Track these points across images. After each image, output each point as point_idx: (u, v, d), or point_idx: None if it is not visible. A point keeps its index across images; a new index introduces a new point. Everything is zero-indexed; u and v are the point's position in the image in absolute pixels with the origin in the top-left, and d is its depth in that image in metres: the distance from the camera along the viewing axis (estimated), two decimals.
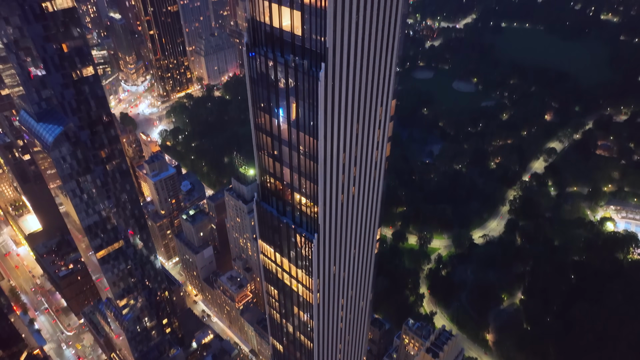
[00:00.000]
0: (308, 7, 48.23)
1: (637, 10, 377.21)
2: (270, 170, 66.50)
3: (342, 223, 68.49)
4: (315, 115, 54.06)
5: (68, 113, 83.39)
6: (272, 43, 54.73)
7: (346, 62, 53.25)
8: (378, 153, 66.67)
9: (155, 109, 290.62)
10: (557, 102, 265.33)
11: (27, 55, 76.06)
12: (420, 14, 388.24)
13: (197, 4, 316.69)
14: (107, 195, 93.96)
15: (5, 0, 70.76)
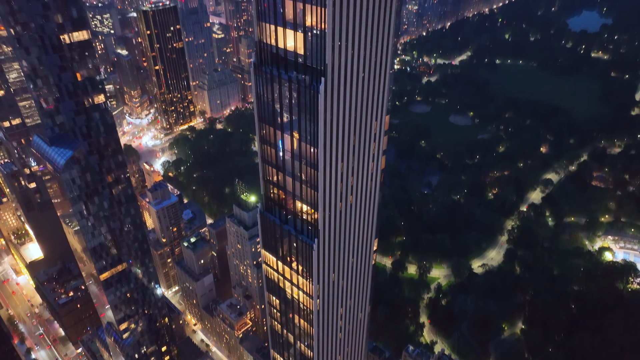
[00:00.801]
0: (310, 29, 54.62)
1: (626, 49, 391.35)
2: (273, 180, 71.15)
3: (341, 230, 71.76)
4: (315, 126, 59.23)
5: (79, 138, 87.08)
6: (277, 62, 60.97)
7: (343, 78, 59.05)
8: (374, 165, 71.65)
9: (158, 141, 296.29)
10: (552, 134, 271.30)
11: (44, 84, 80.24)
12: (417, 52, 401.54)
13: (201, 41, 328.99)
14: (113, 218, 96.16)
15: (27, 32, 75.55)
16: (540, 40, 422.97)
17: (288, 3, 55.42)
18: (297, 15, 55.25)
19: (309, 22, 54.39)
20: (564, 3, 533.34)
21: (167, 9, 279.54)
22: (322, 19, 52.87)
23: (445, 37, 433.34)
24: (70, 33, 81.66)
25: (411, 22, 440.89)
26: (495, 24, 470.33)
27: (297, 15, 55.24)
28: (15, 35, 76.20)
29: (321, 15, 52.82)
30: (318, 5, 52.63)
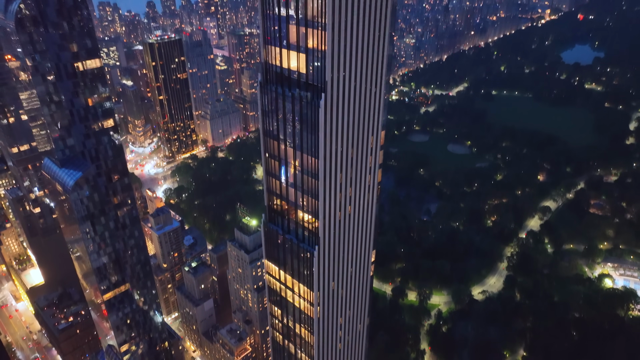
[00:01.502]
0: (311, 50, 61.29)
1: (619, 81, 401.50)
2: (277, 192, 75.28)
3: (340, 239, 76.16)
4: (316, 138, 65.12)
5: (88, 160, 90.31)
6: (282, 80, 67.45)
7: (342, 95, 65.48)
8: (371, 177, 77.78)
9: (160, 169, 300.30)
10: (549, 163, 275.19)
11: (58, 109, 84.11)
12: (415, 83, 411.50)
13: (205, 73, 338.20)
14: (118, 239, 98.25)
15: (45, 60, 79.97)
16: (534, 72, 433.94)
17: (292, 28, 61.57)
18: (299, 38, 61.50)
19: (310, 44, 60.72)
20: (557, 37, 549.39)
21: (172, 42, 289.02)
22: (322, 41, 59.21)
23: (442, 69, 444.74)
24: (84, 61, 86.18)
25: (409, 55, 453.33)
26: (490, 56, 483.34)
27: (300, 38, 61.50)
28: (33, 63, 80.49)
29: (321, 38, 59.18)
30: (319, 29, 58.88)
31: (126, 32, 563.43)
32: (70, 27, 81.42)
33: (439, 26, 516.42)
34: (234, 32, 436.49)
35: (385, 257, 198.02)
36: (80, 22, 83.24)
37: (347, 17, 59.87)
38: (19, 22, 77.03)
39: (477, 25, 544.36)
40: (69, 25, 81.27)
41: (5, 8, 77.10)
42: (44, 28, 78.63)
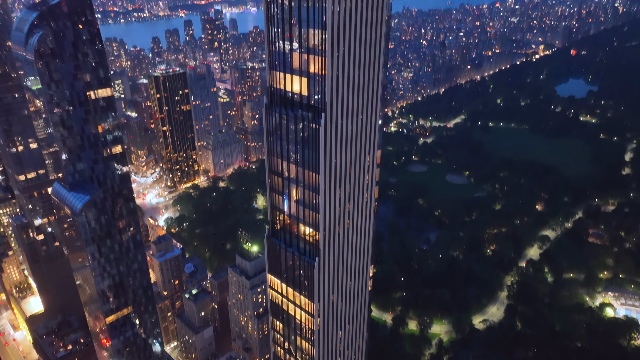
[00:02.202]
0: (313, 75, 67.76)
1: (612, 113, 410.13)
2: (279, 207, 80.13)
3: (339, 252, 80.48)
4: (317, 155, 70.86)
5: (96, 184, 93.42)
6: (285, 102, 73.66)
7: (341, 115, 71.73)
8: (368, 194, 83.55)
9: (162, 199, 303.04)
10: (546, 193, 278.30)
11: (70, 135, 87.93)
12: (413, 115, 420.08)
13: (207, 105, 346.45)
14: (122, 262, 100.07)
15: (60, 89, 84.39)
16: (530, 105, 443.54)
17: (295, 55, 68.41)
18: (302, 64, 68.15)
19: (312, 70, 67.23)
20: (551, 71, 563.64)
21: (177, 75, 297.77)
22: (323, 66, 65.81)
23: (439, 101, 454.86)
24: (95, 90, 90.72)
25: (407, 88, 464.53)
26: (486, 90, 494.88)
27: (302, 64, 68.13)
28: (49, 92, 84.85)
29: (322, 63, 65.80)
30: (319, 56, 65.52)
31: (131, 66, 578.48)
32: (84, 58, 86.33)
33: (435, 61, 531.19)
34: (236, 66, 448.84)
35: (386, 285, 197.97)
36: (93, 54, 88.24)
37: (345, 45, 66.68)
38: (38, 54, 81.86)
39: (473, 60, 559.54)
40: (83, 56, 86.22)
41: (26, 41, 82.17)
42: (61, 59, 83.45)
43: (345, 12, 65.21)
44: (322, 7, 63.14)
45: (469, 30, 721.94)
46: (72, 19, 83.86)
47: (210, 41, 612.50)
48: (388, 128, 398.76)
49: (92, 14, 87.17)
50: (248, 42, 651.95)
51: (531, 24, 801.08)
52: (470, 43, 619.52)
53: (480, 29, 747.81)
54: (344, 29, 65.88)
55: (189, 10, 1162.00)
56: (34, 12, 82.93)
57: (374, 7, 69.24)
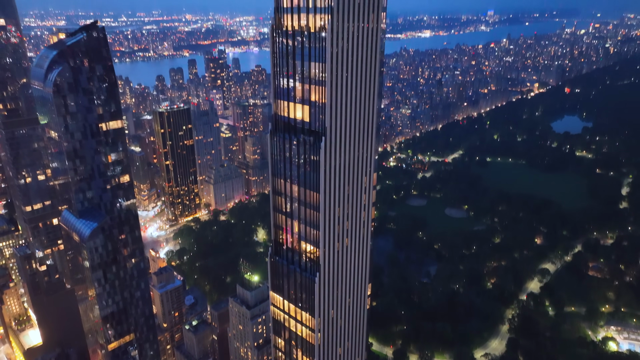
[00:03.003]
0: (314, 103, 75.83)
1: (608, 149, 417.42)
2: (282, 226, 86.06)
3: (339, 269, 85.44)
4: (317, 175, 77.37)
5: (103, 212, 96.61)
6: (288, 128, 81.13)
7: (339, 139, 78.78)
8: (365, 214, 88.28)
9: (163, 232, 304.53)
10: (545, 226, 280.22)
11: (81, 164, 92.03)
12: (411, 150, 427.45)
13: (210, 140, 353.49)
14: (126, 289, 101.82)
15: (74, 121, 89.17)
16: (526, 140, 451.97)
17: (298, 85, 76.71)
18: (304, 93, 76.10)
19: (313, 98, 75.17)
20: (547, 108, 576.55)
21: (181, 111, 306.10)
22: (323, 95, 73.59)
23: (437, 137, 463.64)
24: (107, 122, 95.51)
25: (405, 124, 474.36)
26: (483, 126, 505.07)
27: (304, 94, 76.05)
28: (64, 124, 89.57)
29: (322, 92, 73.64)
30: (320, 86, 73.47)
31: (136, 103, 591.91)
32: (98, 92, 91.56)
33: (433, 98, 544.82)
34: (238, 103, 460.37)
35: (386, 319, 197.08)
36: (107, 88, 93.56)
37: (343, 76, 74.63)
38: (56, 89, 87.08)
39: (470, 98, 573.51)
40: (97, 90, 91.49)
41: (45, 77, 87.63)
42: (76, 93, 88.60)
43: (343, 50, 73.52)
44: (322, 46, 71.67)
45: (465, 69, 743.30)
46: (89, 56, 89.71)
47: (214, 79, 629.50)
48: (387, 163, 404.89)
49: (107, 52, 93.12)
50: (250, 80, 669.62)
51: (525, 63, 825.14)
52: (466, 81, 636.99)
53: (476, 67, 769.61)
54: (342, 63, 74.19)
55: (193, 50, 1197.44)
56: (53, 50, 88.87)
57: (369, 45, 77.77)
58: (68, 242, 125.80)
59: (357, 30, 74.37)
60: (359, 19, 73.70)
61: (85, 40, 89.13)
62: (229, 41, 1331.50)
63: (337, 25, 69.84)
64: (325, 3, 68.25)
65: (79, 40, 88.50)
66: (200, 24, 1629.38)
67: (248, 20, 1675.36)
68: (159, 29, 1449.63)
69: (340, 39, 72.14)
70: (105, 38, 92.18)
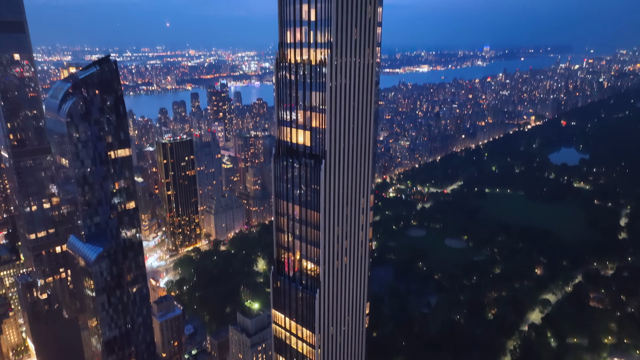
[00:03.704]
0: (315, 129, 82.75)
1: (605, 180, 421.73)
2: (284, 245, 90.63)
3: (338, 286, 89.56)
4: (318, 196, 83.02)
5: (109, 237, 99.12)
6: (291, 152, 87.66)
7: (338, 162, 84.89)
8: (363, 234, 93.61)
9: (163, 262, 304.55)
10: (545, 257, 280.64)
11: (90, 190, 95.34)
12: (410, 182, 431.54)
13: (211, 171, 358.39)
14: (128, 314, 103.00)
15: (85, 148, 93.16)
16: (524, 172, 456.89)
17: (300, 112, 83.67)
18: (305, 120, 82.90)
19: (314, 124, 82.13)
20: (544, 140, 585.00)
21: (184, 142, 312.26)
22: (323, 121, 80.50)
23: (436, 168, 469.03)
24: (116, 150, 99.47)
25: (404, 156, 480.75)
26: (481, 157, 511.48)
27: (306, 120, 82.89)
28: (75, 151, 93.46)
29: (322, 119, 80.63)
30: (320, 113, 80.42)
31: (138, 135, 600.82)
32: (108, 122, 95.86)
33: (431, 130, 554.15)
34: (240, 135, 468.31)
35: (387, 349, 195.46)
36: (117, 118, 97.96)
37: (341, 104, 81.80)
38: (69, 118, 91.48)
39: (467, 130, 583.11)
40: (107, 120, 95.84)
41: (59, 107, 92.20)
42: (88, 123, 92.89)
43: (341, 81, 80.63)
44: (322, 78, 78.71)
45: (462, 102, 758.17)
46: (101, 87, 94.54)
47: (216, 112, 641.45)
48: (387, 194, 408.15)
49: (118, 84, 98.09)
50: (251, 113, 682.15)
51: (522, 97, 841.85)
52: (464, 114, 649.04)
53: (473, 101, 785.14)
54: (341, 92, 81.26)
55: (196, 84, 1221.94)
56: (68, 82, 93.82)
57: (365, 76, 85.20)
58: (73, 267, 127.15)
59: (354, 63, 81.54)
60: (355, 53, 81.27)
61: (98, 73, 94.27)
62: (231, 75, 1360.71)
63: (335, 59, 77.00)
64: (324, 39, 74.86)
65: (92, 73, 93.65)
66: (203, 59, 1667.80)
67: (250, 56, 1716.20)
68: (163, 64, 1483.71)
69: (339, 71, 79.43)
70: (117, 71, 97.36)
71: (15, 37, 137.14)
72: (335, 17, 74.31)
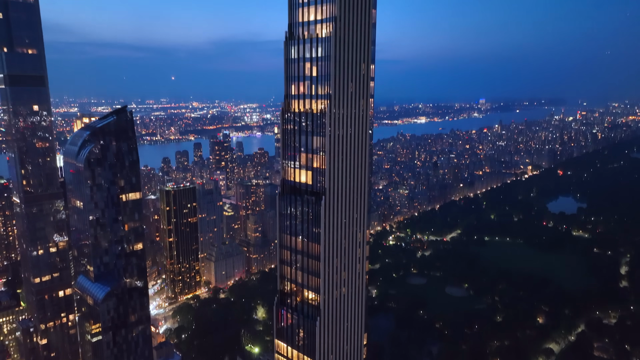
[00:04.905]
0: (316, 169, 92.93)
1: (604, 229, 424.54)
2: (287, 276, 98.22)
3: (337, 315, 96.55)
4: (318, 229, 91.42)
5: (116, 277, 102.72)
6: (294, 190, 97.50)
7: (337, 198, 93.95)
8: (360, 266, 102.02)
9: (162, 310, 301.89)
10: (546, 305, 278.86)
11: (102, 231, 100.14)
12: (410, 229, 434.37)
13: (213, 218, 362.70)
14: (132, 353, 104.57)
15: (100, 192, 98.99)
16: (523, 220, 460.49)
17: (302, 154, 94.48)
18: (307, 161, 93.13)
19: (315, 165, 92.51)
20: (541, 189, 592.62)
21: (187, 189, 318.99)
22: (323, 162, 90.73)
23: (435, 216, 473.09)
24: (127, 193, 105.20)
25: (403, 204, 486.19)
26: (480, 206, 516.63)
27: (308, 161, 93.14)
28: (90, 194, 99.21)
29: (322, 160, 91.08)
30: (320, 155, 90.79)
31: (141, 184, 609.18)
32: (122, 167, 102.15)
33: (430, 179, 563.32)
34: (241, 183, 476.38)
35: None
36: (130, 163, 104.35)
37: (339, 147, 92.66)
38: (87, 164, 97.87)
39: (465, 179, 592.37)
40: (122, 165, 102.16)
41: (78, 153, 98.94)
42: (103, 168, 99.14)
43: (339, 127, 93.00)
44: (322, 125, 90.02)
45: (459, 152, 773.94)
46: (117, 135, 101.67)
47: (218, 161, 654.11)
48: (387, 242, 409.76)
49: (133, 132, 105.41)
50: (253, 162, 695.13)
51: (518, 147, 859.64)
52: (461, 163, 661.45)
53: (470, 151, 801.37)
54: (339, 136, 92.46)
55: (199, 135, 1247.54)
56: (87, 130, 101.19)
57: (360, 123, 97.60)
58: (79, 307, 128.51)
59: (350, 112, 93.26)
60: (351, 104, 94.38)
61: (114, 122, 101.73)
62: (234, 126, 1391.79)
63: (334, 109, 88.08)
64: (324, 91, 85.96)
65: (110, 121, 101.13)
66: (207, 111, 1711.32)
67: (252, 107, 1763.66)
68: (167, 115, 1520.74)
69: (337, 119, 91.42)
70: (132, 120, 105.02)
71: (36, 90, 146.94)
72: (333, 74, 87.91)
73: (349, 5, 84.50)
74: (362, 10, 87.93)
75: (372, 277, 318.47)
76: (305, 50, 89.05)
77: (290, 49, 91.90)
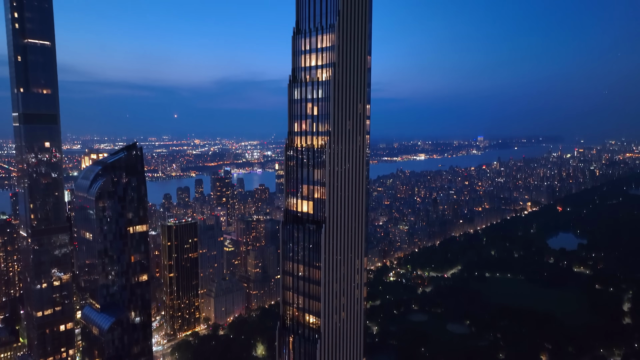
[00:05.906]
0: (317, 199, 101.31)
1: (605, 265, 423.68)
2: (289, 302, 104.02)
3: (337, 339, 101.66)
4: (319, 255, 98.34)
5: (122, 307, 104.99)
6: (296, 219, 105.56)
7: (336, 226, 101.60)
8: (358, 292, 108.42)
9: (160, 347, 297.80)
10: (549, 342, 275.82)
11: (110, 262, 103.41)
12: (410, 266, 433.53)
13: (213, 253, 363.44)
14: None
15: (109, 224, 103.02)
16: (523, 257, 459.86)
17: (304, 186, 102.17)
18: (309, 192, 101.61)
19: (316, 196, 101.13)
20: (541, 225, 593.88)
21: (188, 225, 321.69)
22: (323, 193, 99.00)
23: (435, 253, 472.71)
24: (134, 226, 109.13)
25: (403, 240, 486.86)
26: (480, 242, 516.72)
27: (309, 192, 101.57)
28: (99, 226, 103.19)
29: (323, 191, 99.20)
30: (321, 186, 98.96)
31: None
32: (131, 200, 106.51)
33: (429, 215, 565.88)
34: (242, 219, 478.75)
35: None
36: (138, 197, 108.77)
37: (339, 179, 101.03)
38: (98, 197, 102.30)
39: (465, 215, 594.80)
40: (130, 199, 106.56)
41: (89, 187, 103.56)
42: (113, 201, 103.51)
43: (338, 161, 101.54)
44: (322, 159, 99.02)
45: (459, 188, 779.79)
46: (127, 170, 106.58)
47: (219, 197, 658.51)
48: (387, 278, 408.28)
49: (142, 167, 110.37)
50: (254, 198, 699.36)
51: (517, 184, 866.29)
52: (461, 200, 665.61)
53: (469, 187, 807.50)
54: (338, 170, 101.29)
55: (200, 171, 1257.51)
56: (98, 165, 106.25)
57: (357, 157, 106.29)
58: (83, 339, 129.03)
59: (348, 147, 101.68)
60: (349, 140, 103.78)
61: (125, 157, 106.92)
62: (235, 163, 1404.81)
63: (333, 144, 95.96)
64: (324, 128, 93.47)
65: (121, 157, 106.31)
66: (208, 148, 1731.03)
67: (253, 145, 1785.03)
68: (168, 152, 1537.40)
69: (336, 153, 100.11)
70: (142, 156, 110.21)
71: (49, 128, 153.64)
72: (332, 113, 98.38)
73: (346, 52, 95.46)
74: (358, 56, 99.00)
75: (373, 313, 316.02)
76: (307, 91, 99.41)
77: (293, 90, 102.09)
